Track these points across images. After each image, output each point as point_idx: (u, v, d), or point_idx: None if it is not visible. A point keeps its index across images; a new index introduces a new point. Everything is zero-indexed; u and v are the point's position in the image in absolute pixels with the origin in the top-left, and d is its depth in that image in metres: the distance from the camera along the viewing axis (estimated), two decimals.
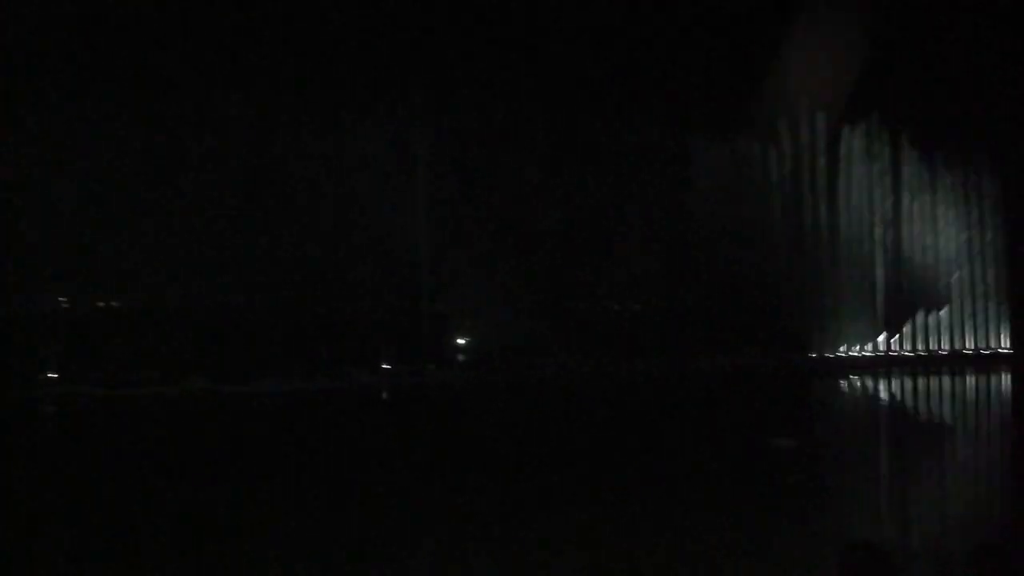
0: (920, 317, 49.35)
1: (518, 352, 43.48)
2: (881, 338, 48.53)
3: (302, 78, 43.43)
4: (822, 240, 48.81)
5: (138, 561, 9.65)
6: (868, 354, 48.03)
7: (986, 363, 46.21)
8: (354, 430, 24.17)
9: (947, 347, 50.03)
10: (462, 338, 45.88)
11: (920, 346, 49.49)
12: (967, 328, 50.37)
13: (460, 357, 44.79)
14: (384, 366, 41.41)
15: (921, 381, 39.88)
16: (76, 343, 37.45)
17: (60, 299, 41.51)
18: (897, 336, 48.90)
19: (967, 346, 50.36)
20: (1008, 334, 50.79)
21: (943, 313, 49.75)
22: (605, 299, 49.68)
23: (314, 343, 41.13)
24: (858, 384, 39.50)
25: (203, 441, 21.68)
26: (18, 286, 38.57)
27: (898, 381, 40.31)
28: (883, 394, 35.72)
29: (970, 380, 40.35)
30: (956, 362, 46.64)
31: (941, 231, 50.73)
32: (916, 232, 50.26)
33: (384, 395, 36.51)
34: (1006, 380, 39.99)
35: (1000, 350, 50.63)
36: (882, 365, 45.58)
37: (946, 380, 40.34)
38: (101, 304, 44.42)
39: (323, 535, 10.68)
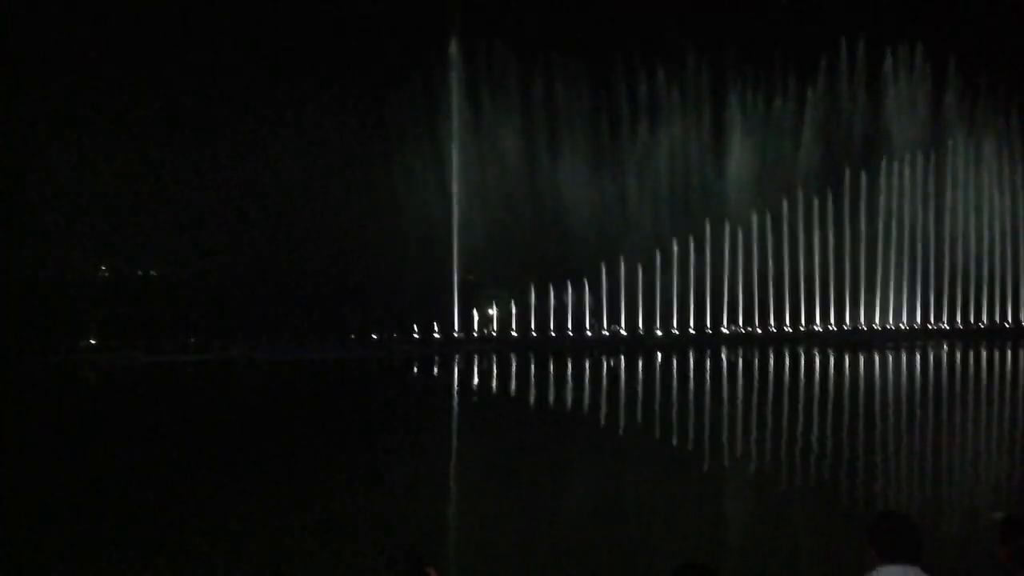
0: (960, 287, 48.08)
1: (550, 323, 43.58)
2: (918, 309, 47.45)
3: (332, 47, 43.51)
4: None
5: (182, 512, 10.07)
6: (904, 326, 47.16)
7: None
8: (377, 398, 24.62)
9: (986, 320, 48.81)
10: (492, 309, 46.10)
11: (958, 319, 48.25)
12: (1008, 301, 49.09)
13: (491, 328, 45.03)
14: (415, 335, 41.80)
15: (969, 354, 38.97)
16: (116, 311, 38.40)
17: (101, 268, 42.54)
18: (934, 309, 47.76)
19: (1008, 320, 48.96)
20: None
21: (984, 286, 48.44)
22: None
23: (347, 313, 41.68)
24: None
25: (238, 406, 22.25)
26: (59, 254, 39.57)
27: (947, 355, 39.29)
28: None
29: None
30: (996, 335, 45.57)
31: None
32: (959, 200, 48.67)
33: (414, 364, 36.85)
34: None
35: None
36: (920, 337, 44.55)
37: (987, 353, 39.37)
38: (140, 273, 45.47)
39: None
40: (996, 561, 3.52)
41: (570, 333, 41.82)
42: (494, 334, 42.92)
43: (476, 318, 42.79)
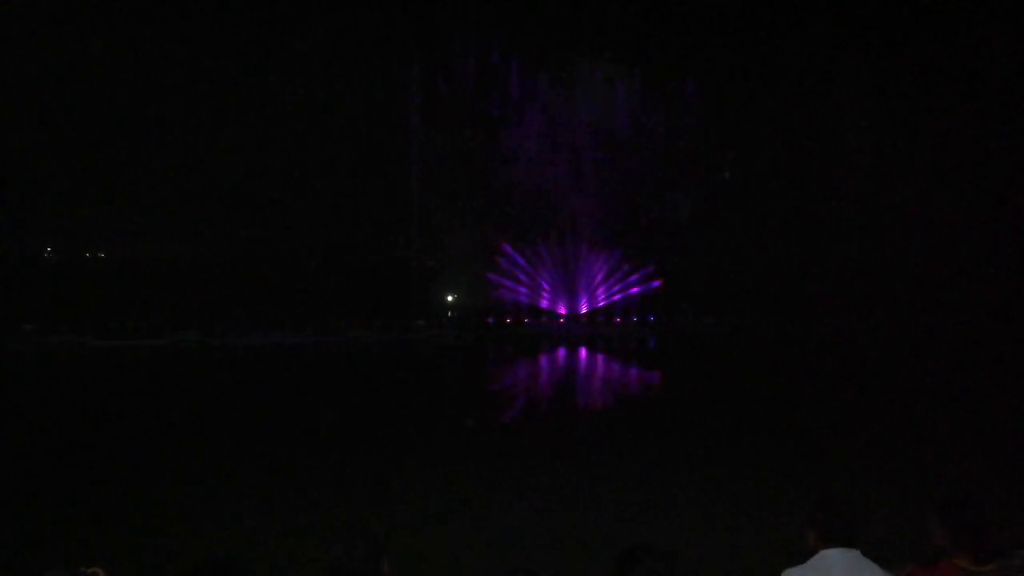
0: None
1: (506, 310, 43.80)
2: None
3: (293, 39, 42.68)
4: None
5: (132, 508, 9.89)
6: None
7: None
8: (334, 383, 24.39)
9: None
10: (451, 295, 46.05)
11: None
12: None
13: (449, 313, 45.04)
14: (374, 321, 41.57)
15: None
16: (63, 293, 37.28)
17: (47, 249, 41.27)
18: None
19: None
20: None
21: None
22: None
23: (304, 297, 41.20)
24: None
25: (187, 393, 21.84)
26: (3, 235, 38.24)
27: None
28: None
29: None
30: None
31: None
32: None
33: (373, 350, 36.62)
34: None
35: None
36: None
37: None
38: (88, 255, 44.20)
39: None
40: (931, 542, 3.62)
41: None
42: None
43: None
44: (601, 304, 48.37)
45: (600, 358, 33.81)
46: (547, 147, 47.22)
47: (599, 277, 48.88)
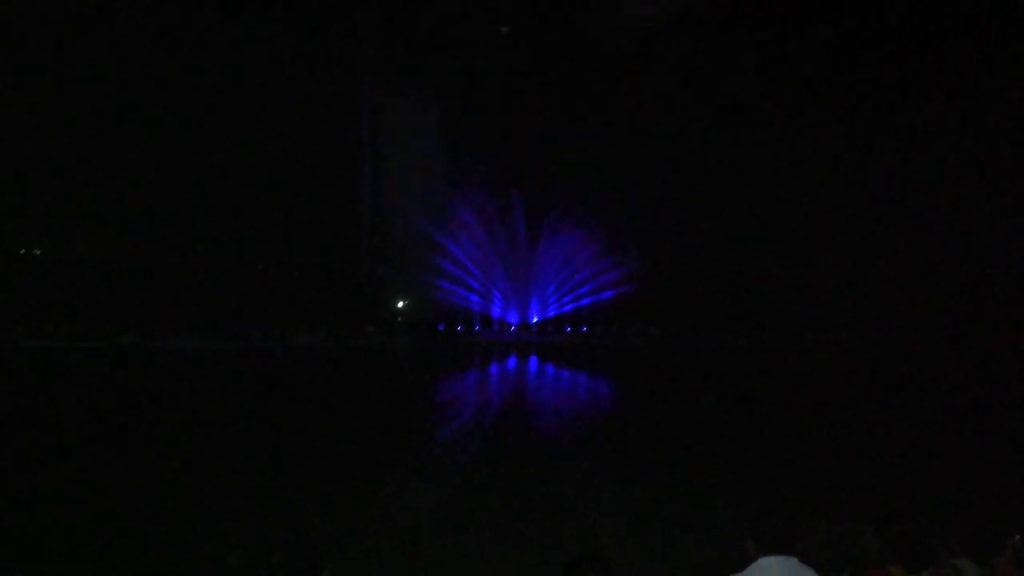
0: None
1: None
2: None
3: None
4: None
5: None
6: None
7: None
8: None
9: None
10: (401, 301, 45.71)
11: None
12: None
13: (399, 319, 44.68)
14: (322, 328, 40.95)
15: None
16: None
17: None
18: None
19: None
20: None
21: None
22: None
23: (250, 302, 40.37)
24: None
25: (123, 397, 21.16)
26: None
27: None
28: None
29: None
30: None
31: None
32: None
33: (319, 358, 36.05)
34: None
35: None
36: None
37: None
38: (22, 252, 42.68)
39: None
40: (866, 551, 3.70)
41: None
42: None
43: None
44: (552, 314, 48.63)
45: (548, 368, 33.95)
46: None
47: (551, 287, 49.09)
